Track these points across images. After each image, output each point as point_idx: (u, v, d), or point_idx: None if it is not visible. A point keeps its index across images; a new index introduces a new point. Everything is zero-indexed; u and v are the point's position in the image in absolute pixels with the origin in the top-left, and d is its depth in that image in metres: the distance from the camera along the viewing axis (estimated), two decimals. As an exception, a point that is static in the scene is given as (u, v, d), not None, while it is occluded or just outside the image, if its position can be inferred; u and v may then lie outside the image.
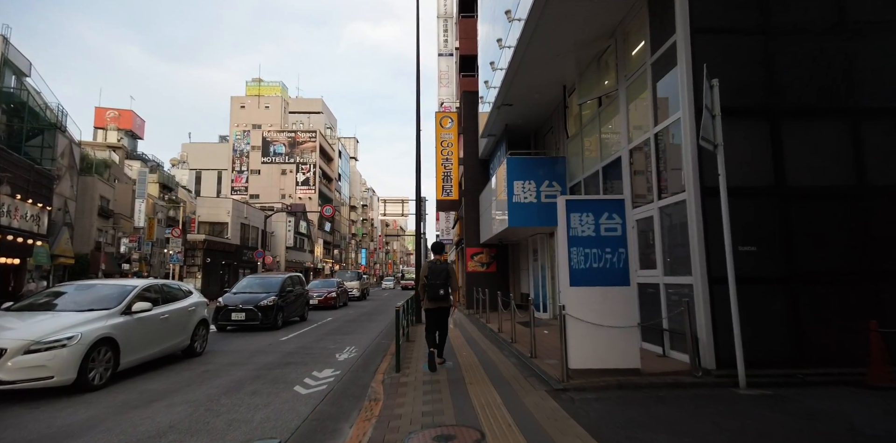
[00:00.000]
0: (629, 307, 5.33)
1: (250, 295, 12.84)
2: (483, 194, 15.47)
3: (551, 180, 10.33)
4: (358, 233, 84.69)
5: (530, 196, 10.27)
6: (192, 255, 27.77)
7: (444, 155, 16.03)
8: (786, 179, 5.58)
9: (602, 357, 5.24)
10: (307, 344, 9.63)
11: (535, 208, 10.30)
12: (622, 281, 5.37)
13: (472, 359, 7.01)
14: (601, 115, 8.48)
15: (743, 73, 5.65)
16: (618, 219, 5.46)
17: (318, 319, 15.59)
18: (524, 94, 10.15)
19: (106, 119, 59.23)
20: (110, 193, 36.25)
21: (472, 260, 15.87)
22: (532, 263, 12.88)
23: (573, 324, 5.27)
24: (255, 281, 13.95)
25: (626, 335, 5.25)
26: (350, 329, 12.45)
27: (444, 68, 22.56)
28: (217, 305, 12.54)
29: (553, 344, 7.80)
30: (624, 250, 5.42)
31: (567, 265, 5.41)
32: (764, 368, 5.10)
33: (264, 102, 59.29)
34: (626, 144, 7.31)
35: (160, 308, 7.34)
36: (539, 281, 12.28)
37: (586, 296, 5.35)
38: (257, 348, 9.21)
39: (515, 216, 10.32)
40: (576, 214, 5.48)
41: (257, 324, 12.14)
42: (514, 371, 6.04)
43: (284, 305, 13.20)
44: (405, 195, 35.24)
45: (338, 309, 20.25)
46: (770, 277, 5.47)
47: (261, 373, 6.78)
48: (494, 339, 9.01)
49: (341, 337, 10.75)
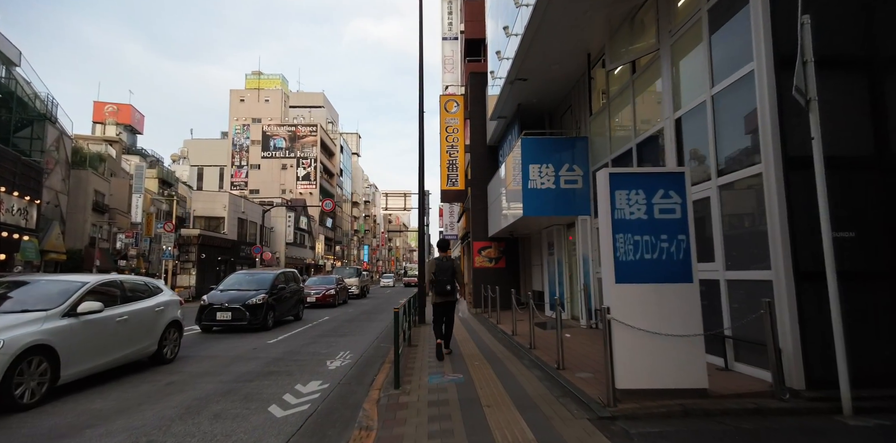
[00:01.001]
0: (691, 310, 4.17)
1: (238, 293, 11.73)
2: (491, 184, 14.30)
3: (571, 164, 9.15)
4: (360, 229, 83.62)
5: (548, 181, 9.10)
6: (187, 250, 26.70)
7: (450, 142, 14.84)
8: (889, 146, 4.39)
9: (658, 374, 4.09)
10: (297, 348, 8.52)
11: (554, 196, 9.13)
12: (682, 276, 4.21)
13: (486, 371, 5.87)
14: (635, 83, 7.28)
15: (834, 12, 4.46)
16: (676, 197, 4.29)
17: (314, 318, 14.51)
18: (541, 66, 8.96)
19: (104, 114, 58.27)
20: (106, 187, 35.22)
21: (480, 255, 14.73)
22: (546, 257, 11.72)
23: (621, 331, 4.11)
24: (245, 277, 12.84)
25: (688, 346, 4.09)
26: (347, 330, 11.34)
27: (448, 53, 21.34)
28: (201, 303, 11.46)
29: (580, 351, 6.65)
30: (684, 237, 4.25)
31: (612, 256, 4.25)
32: (866, 387, 3.94)
33: (264, 96, 58.14)
34: (671, 112, 6.12)
35: (117, 309, 6.23)
36: (555, 278, 11.12)
37: (637, 295, 4.19)
38: (239, 352, 8.11)
39: (531, 205, 9.15)
40: (623, 191, 4.31)
41: (245, 324, 11.04)
42: (540, 388, 4.89)
43: (276, 304, 12.10)
44: (408, 189, 34.27)
45: (337, 307, 19.20)
46: (871, 272, 4.29)
47: (234, 386, 5.67)
48: (509, 344, 7.87)
49: (336, 339, 9.63)
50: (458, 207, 21.38)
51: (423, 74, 10.99)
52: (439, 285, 6.58)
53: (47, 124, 28.36)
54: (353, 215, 79.65)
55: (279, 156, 55.77)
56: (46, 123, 28.38)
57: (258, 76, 60.45)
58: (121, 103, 59.55)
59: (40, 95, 29.57)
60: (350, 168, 77.59)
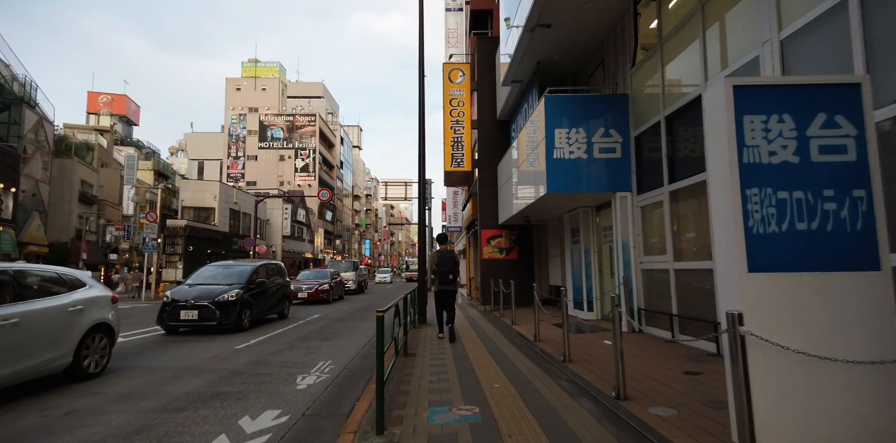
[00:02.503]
0: (881, 317, 2.44)
1: (208, 288, 10.05)
2: (502, 164, 12.54)
3: (608, 128, 7.38)
4: (361, 223, 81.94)
5: (578, 150, 7.34)
6: (173, 242, 25.02)
7: (454, 116, 13.02)
8: None
9: (829, 428, 2.36)
10: (267, 356, 6.83)
11: (586, 168, 7.38)
12: (861, 260, 2.47)
13: (511, 399, 4.14)
14: (707, 7, 5.49)
15: None
16: (847, 127, 2.54)
17: (302, 316, 12.86)
18: (571, 5, 7.17)
19: (99, 104, 56.72)
20: (94, 177, 33.58)
21: (489, 245, 12.99)
22: (570, 246, 9.95)
23: (763, 355, 2.38)
24: (219, 270, 11.13)
25: (881, 380, 2.37)
26: (335, 331, 9.66)
27: (452, 26, 19.48)
28: (164, 300, 9.79)
29: (638, 368, 4.91)
30: (863, 194, 2.51)
31: (740, 226, 2.51)
32: None
33: (261, 84, 56.23)
34: (773, 31, 4.33)
35: (5, 309, 4.54)
36: (580, 270, 9.40)
37: (785, 292, 2.46)
38: (193, 362, 6.43)
39: (557, 180, 7.40)
40: (757, 117, 2.56)
41: (214, 325, 9.37)
42: (603, 436, 3.16)
43: (253, 300, 10.42)
44: (409, 178, 32.38)
45: (331, 303, 17.56)
46: None
47: (153, 420, 3.97)
48: (532, 353, 6.15)
49: (319, 344, 7.94)
50: (464, 192, 19.59)
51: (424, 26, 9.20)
52: (442, 275, 7.15)
53: (25, 108, 26.68)
54: (355, 209, 77.96)
55: (277, 146, 53.96)
56: (24, 107, 26.71)
57: (255, 64, 58.54)
58: (116, 94, 57.93)
59: (19, 78, 27.88)
60: (351, 161, 75.81)
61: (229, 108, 55.48)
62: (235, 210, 31.71)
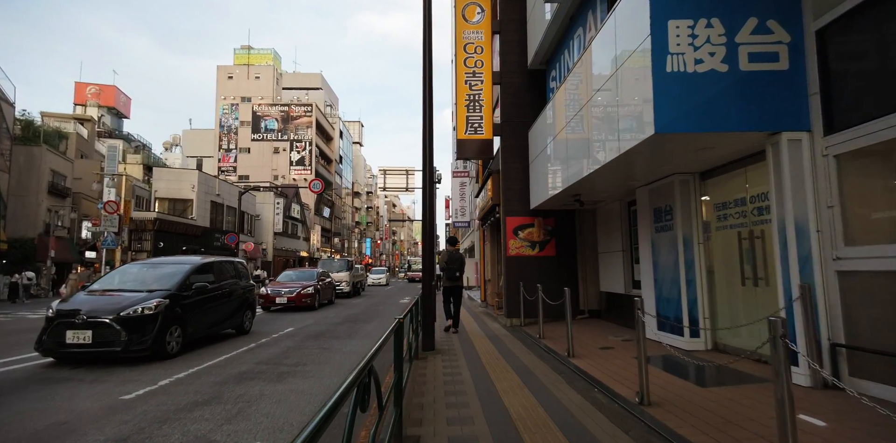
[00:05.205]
0: None
1: (115, 297, 6.89)
2: (534, 129, 9.34)
3: (764, 18, 4.18)
4: (362, 221, 78.73)
5: (711, 57, 4.14)
6: (140, 237, 21.91)
7: (470, 67, 9.74)
8: None
9: None
10: (152, 424, 3.65)
11: (726, 87, 4.16)
12: None
13: None
14: None
15: None
16: None
17: (271, 329, 9.78)
18: None
19: (86, 95, 53.75)
20: (68, 168, 30.44)
21: (516, 237, 9.77)
22: (653, 234, 6.61)
23: None
24: (140, 271, 7.92)
25: None
26: (300, 359, 6.50)
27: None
28: (47, 314, 6.61)
29: None
30: None
31: None
32: None
33: (254, 72, 53.05)
34: None
35: None
36: (667, 273, 6.18)
37: None
38: (25, 433, 3.28)
39: (674, 110, 4.17)
40: None
41: (118, 351, 6.23)
42: None
43: (188, 313, 7.28)
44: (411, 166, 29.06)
45: (317, 310, 14.47)
46: None
47: None
48: (608, 408, 2.93)
49: (262, 390, 4.75)
50: (472, 183, 16.33)
51: None
52: (450, 272, 8.24)
53: (-25, 86, 23.64)
54: (355, 206, 74.76)
55: (271, 138, 50.81)
56: (-26, 85, 23.67)
57: (248, 51, 55.33)
58: (104, 84, 54.95)
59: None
60: (350, 156, 72.64)
61: (220, 97, 52.36)
62: (218, 203, 28.55)
